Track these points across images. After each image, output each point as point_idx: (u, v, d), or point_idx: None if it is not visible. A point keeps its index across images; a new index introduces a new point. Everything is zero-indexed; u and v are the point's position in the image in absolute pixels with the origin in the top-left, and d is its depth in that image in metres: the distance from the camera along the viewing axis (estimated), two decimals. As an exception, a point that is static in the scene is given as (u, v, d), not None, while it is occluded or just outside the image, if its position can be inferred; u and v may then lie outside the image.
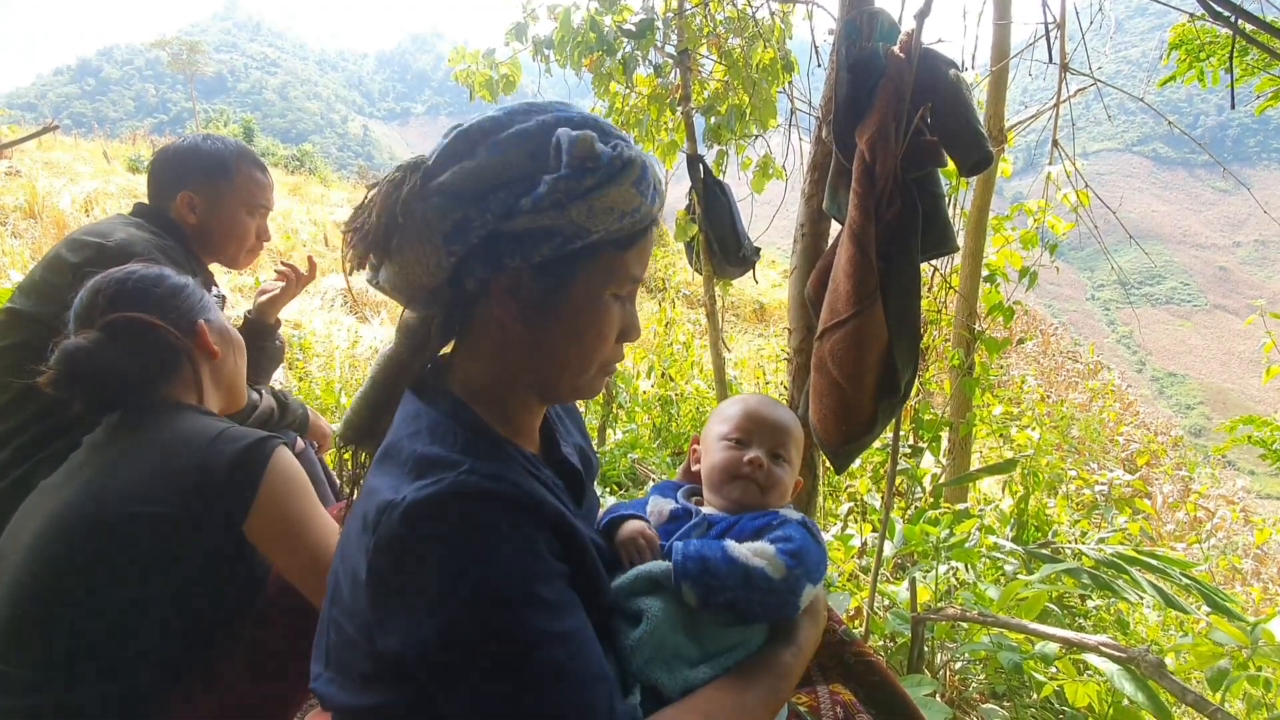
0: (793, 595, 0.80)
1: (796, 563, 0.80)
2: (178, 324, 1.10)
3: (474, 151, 0.69)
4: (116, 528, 0.93)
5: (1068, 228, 3.06)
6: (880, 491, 2.96)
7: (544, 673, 0.60)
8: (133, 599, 0.94)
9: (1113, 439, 7.12)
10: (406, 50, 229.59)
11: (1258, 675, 1.50)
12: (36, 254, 6.85)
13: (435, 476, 0.63)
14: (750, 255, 3.24)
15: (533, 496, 0.66)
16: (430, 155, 0.72)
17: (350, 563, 0.68)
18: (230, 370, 1.20)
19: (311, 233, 11.17)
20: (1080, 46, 2.89)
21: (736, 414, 1.01)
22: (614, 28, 3.12)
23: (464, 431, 0.71)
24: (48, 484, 1.04)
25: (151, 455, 0.99)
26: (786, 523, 0.88)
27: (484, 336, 0.78)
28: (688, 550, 0.80)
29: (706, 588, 0.77)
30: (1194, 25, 4.39)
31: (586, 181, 0.67)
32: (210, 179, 1.61)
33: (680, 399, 4.88)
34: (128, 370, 1.05)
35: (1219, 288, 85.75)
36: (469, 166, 0.68)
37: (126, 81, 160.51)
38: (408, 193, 0.69)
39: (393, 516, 0.62)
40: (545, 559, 0.65)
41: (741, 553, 0.80)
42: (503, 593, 0.61)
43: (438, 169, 0.70)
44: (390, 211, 0.70)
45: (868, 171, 1.41)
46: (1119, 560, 1.72)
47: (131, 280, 1.09)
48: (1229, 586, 4.52)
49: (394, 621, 0.61)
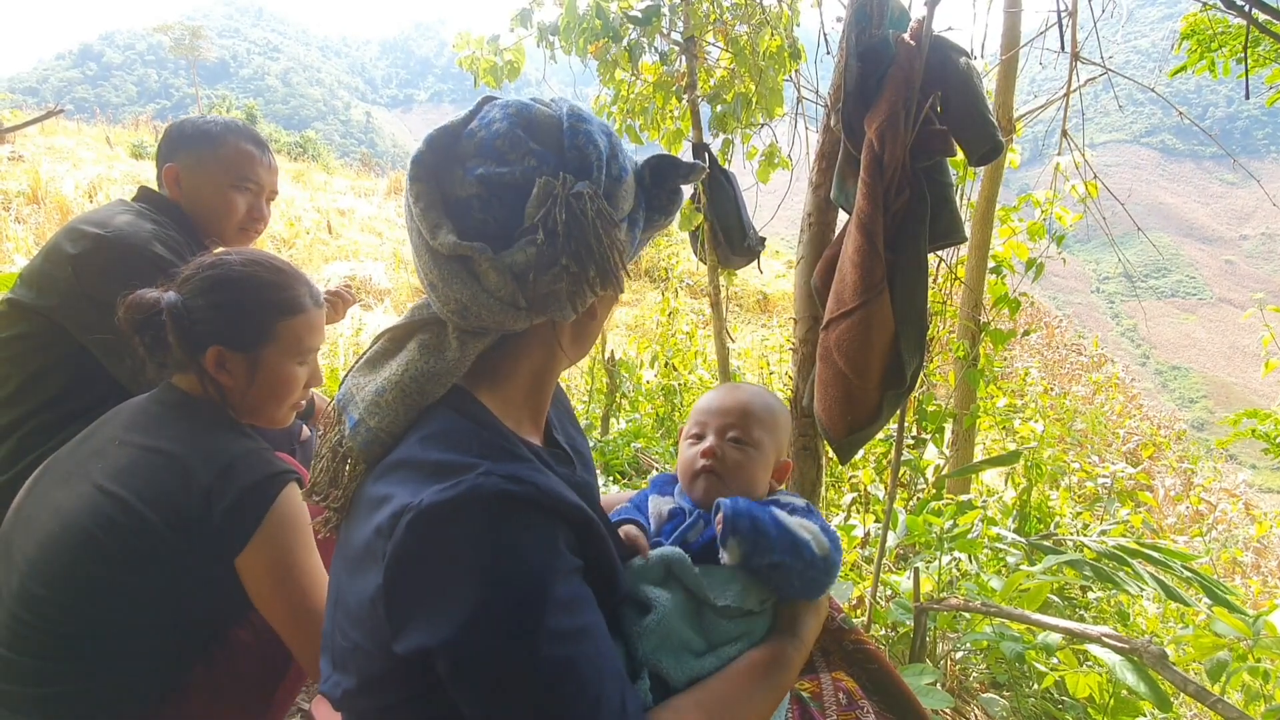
0: (827, 577, 0.82)
1: (836, 547, 0.82)
2: (195, 329, 1.06)
3: (618, 173, 0.72)
4: (126, 526, 0.94)
5: (1075, 219, 3.05)
6: (884, 482, 2.96)
7: (559, 670, 0.60)
8: (134, 596, 0.94)
9: (1116, 432, 7.10)
10: (410, 36, 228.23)
11: (1257, 666, 1.50)
12: (40, 239, 6.86)
13: (453, 480, 0.63)
14: (755, 245, 3.23)
15: (550, 494, 0.66)
16: (585, 173, 0.69)
17: (357, 570, 0.66)
18: (250, 401, 1.13)
19: (315, 220, 11.16)
20: (1092, 35, 2.86)
21: (697, 407, 1.00)
22: (620, 14, 3.09)
23: (479, 432, 0.70)
24: (55, 470, 1.04)
25: (165, 465, 0.99)
26: (796, 508, 0.88)
27: (540, 343, 0.78)
28: (738, 507, 0.80)
29: (755, 545, 0.78)
30: (1206, 15, 4.34)
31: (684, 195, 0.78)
32: (193, 150, 1.57)
33: (684, 389, 4.88)
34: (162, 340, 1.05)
35: (1225, 281, 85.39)
36: (625, 188, 0.73)
37: (129, 66, 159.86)
38: (611, 219, 0.70)
39: (410, 520, 0.61)
40: (563, 555, 0.65)
41: (792, 522, 0.81)
42: (522, 592, 0.61)
43: (607, 192, 0.71)
44: (612, 239, 0.69)
45: (876, 160, 1.41)
46: (1121, 552, 1.72)
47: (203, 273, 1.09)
48: (1229, 579, 4.53)
49: (415, 622, 0.61)
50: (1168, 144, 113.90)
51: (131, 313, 1.04)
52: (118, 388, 1.37)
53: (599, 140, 0.71)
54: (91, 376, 1.38)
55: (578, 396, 5.24)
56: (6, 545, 1.00)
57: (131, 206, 1.53)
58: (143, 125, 16.49)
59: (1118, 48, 3.35)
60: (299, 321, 1.13)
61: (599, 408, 4.47)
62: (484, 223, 0.68)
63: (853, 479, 3.56)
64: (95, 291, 1.35)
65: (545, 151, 0.69)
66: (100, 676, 0.94)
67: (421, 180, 0.69)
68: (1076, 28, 2.96)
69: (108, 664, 0.95)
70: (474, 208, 0.68)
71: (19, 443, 1.33)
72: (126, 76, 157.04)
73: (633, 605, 0.80)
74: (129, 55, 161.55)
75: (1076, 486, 3.92)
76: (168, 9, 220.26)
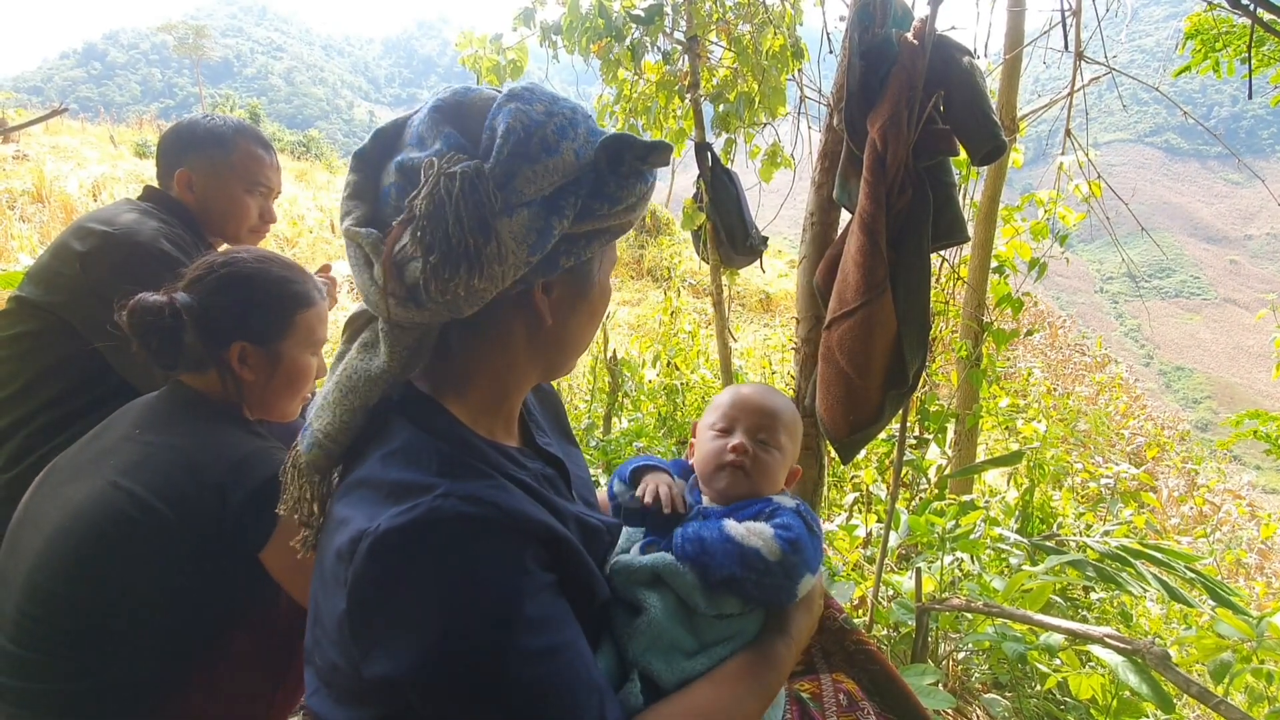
0: (789, 581, 0.81)
1: (793, 550, 0.80)
2: (217, 327, 1.08)
3: (533, 152, 0.64)
4: (137, 520, 0.94)
5: (1078, 219, 3.04)
6: (886, 482, 2.96)
7: (531, 691, 0.60)
8: (142, 591, 0.95)
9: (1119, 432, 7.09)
10: (413, 35, 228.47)
11: (1261, 668, 1.50)
12: (45, 238, 6.88)
13: (410, 502, 0.61)
14: (757, 244, 3.22)
15: (513, 513, 0.64)
16: (488, 154, 0.64)
17: (328, 590, 0.64)
18: (268, 396, 1.16)
19: (318, 219, 11.17)
20: (1096, 34, 2.85)
21: (724, 402, 1.01)
22: (622, 13, 3.09)
23: (442, 446, 0.68)
24: (65, 467, 1.05)
25: (177, 461, 0.99)
26: (780, 510, 0.87)
27: (498, 337, 0.73)
28: (686, 533, 0.83)
29: (704, 567, 0.80)
30: (1210, 15, 4.32)
31: (650, 182, 0.72)
32: (206, 155, 1.57)
33: (686, 388, 4.88)
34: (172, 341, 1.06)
35: (1230, 281, 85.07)
36: (538, 169, 0.64)
37: (133, 66, 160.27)
38: (492, 202, 0.62)
39: (368, 546, 0.59)
40: (530, 574, 0.63)
41: (738, 531, 0.81)
42: (485, 615, 0.59)
43: (506, 172, 0.63)
44: (481, 224, 0.62)
45: (879, 160, 1.40)
46: (1124, 553, 1.71)
47: (216, 272, 1.10)
48: (1233, 580, 4.52)
49: (378, 650, 0.59)
50: (1172, 143, 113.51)
51: (136, 316, 1.04)
52: (124, 386, 1.38)
53: (527, 118, 0.65)
54: (98, 374, 1.38)
55: (580, 395, 5.24)
56: (14, 541, 1.00)
57: (139, 205, 1.54)
58: (146, 124, 16.53)
59: (1122, 47, 3.33)
60: (312, 313, 1.17)
61: (601, 407, 4.47)
62: (399, 209, 0.64)
63: (855, 479, 3.56)
64: (103, 289, 1.36)
65: (453, 134, 0.66)
66: (104, 672, 0.94)
67: (356, 171, 0.70)
68: (1080, 27, 2.95)
69: (112, 660, 0.95)
70: (391, 196, 0.66)
71: (25, 440, 1.34)
72: (131, 76, 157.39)
73: (623, 606, 0.80)
74: (133, 54, 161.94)
75: (1079, 487, 3.92)
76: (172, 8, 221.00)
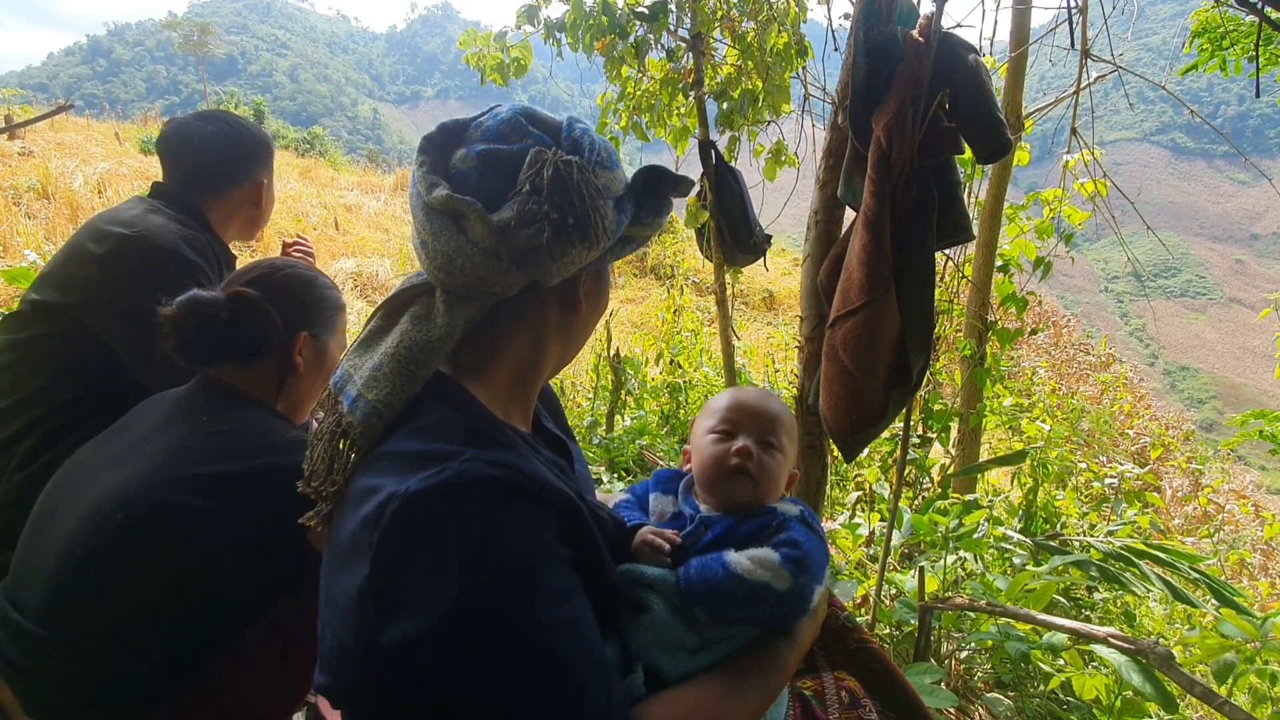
0: (802, 601, 0.80)
1: (801, 571, 0.79)
2: (285, 319, 1.14)
3: (607, 161, 0.76)
4: (186, 504, 0.96)
5: (1084, 217, 3.03)
6: (889, 481, 2.96)
7: (543, 660, 0.60)
8: (172, 574, 0.96)
9: (1123, 432, 7.07)
10: (417, 33, 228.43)
11: (1265, 668, 1.50)
12: (50, 234, 6.90)
13: (438, 467, 0.63)
14: (761, 243, 3.22)
15: (537, 481, 0.66)
16: (582, 154, 0.73)
17: (344, 565, 0.66)
18: (303, 390, 1.21)
19: (321, 215, 11.19)
20: (1102, 32, 2.84)
21: (723, 405, 0.99)
22: (626, 11, 3.09)
23: (466, 421, 0.71)
24: (96, 456, 1.06)
25: (217, 445, 1.02)
26: (787, 522, 0.86)
27: (536, 320, 0.79)
28: (689, 575, 0.79)
29: (715, 609, 0.77)
30: (1217, 13, 4.30)
31: (671, 210, 0.84)
32: (270, 162, 1.65)
33: (689, 386, 4.88)
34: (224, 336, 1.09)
35: (1235, 281, 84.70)
36: (614, 175, 0.77)
37: (138, 62, 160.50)
38: (598, 189, 0.73)
39: (397, 508, 0.61)
40: (550, 544, 0.65)
41: (744, 567, 0.78)
42: (508, 579, 0.61)
43: (594, 169, 0.73)
44: (595, 204, 0.72)
45: (884, 158, 1.40)
46: (1127, 553, 1.71)
47: (279, 273, 1.17)
48: (1237, 581, 4.50)
49: (401, 611, 0.60)
50: (1178, 142, 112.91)
51: (190, 310, 1.06)
52: (133, 386, 1.38)
53: (595, 138, 0.77)
54: (112, 375, 1.39)
55: (583, 393, 5.24)
56: (41, 530, 1.02)
57: (153, 205, 1.52)
58: (151, 121, 16.55)
59: (1128, 45, 3.32)
60: (344, 317, 1.30)
61: (604, 405, 4.47)
62: (479, 191, 0.71)
63: (858, 477, 3.56)
64: (120, 292, 1.37)
65: (543, 135, 0.74)
66: (124, 656, 0.95)
67: (427, 153, 0.75)
68: (1087, 24, 2.94)
69: (133, 644, 0.96)
70: (471, 178, 0.72)
71: (40, 440, 1.34)
72: (135, 72, 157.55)
73: (627, 603, 0.80)
74: (138, 51, 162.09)
75: (1083, 486, 3.91)
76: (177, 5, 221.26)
